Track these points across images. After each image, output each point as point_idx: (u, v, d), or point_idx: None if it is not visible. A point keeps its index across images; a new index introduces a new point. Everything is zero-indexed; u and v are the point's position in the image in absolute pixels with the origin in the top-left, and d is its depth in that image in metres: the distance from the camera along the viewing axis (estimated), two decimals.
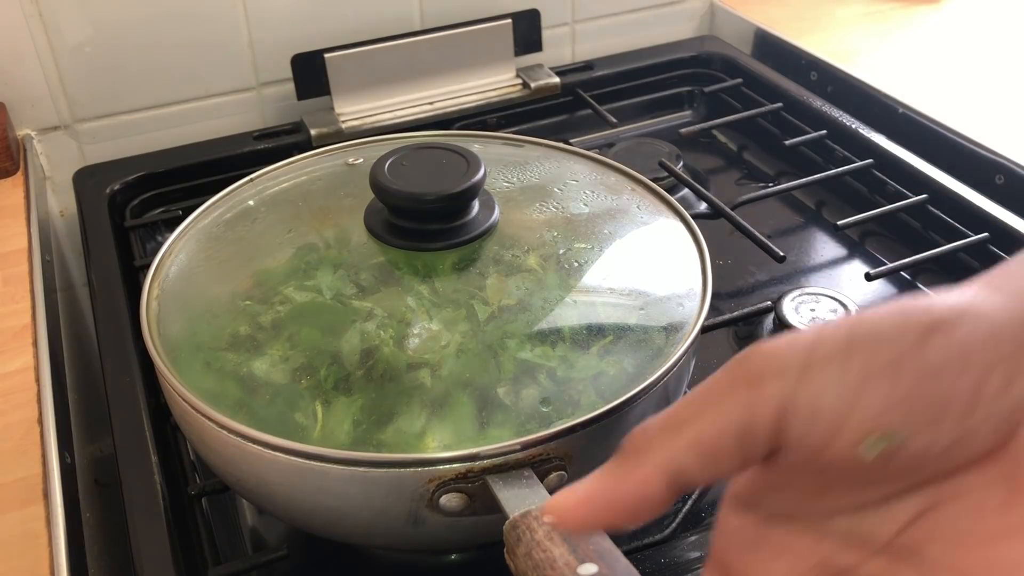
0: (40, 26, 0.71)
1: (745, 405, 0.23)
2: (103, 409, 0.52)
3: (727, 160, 0.82)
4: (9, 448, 0.47)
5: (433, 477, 0.36)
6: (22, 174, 0.71)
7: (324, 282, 0.43)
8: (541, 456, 0.36)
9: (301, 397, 0.39)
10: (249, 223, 0.50)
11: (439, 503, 0.36)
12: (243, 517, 0.51)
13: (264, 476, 0.38)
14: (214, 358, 0.41)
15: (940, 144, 0.71)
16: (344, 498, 0.37)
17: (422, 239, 0.44)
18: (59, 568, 0.41)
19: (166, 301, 0.45)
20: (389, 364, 0.39)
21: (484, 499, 0.36)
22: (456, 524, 0.37)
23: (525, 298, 0.42)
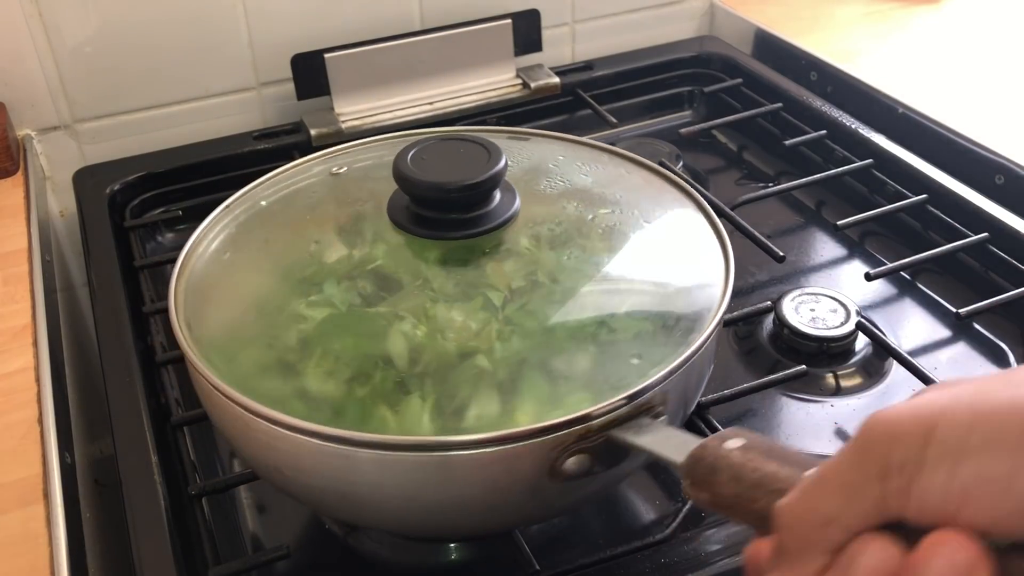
0: (40, 26, 0.71)
1: (877, 501, 0.25)
2: (103, 409, 0.52)
3: (727, 160, 0.82)
4: (9, 448, 0.47)
5: (557, 443, 0.36)
6: (22, 174, 0.71)
7: (355, 285, 0.43)
8: (646, 405, 0.37)
9: (363, 406, 0.38)
10: (266, 229, 0.50)
11: (562, 469, 0.36)
12: (243, 517, 0.51)
13: (379, 480, 0.37)
14: (264, 382, 0.40)
15: (940, 144, 0.71)
16: (467, 484, 0.37)
17: (448, 228, 0.44)
18: (59, 568, 0.41)
19: (190, 306, 0.44)
20: (440, 357, 0.39)
21: (607, 454, 0.37)
22: (573, 487, 0.38)
23: (559, 279, 0.43)
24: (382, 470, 0.37)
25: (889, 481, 0.24)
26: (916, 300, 0.64)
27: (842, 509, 0.25)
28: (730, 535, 0.43)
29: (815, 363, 0.57)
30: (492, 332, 0.40)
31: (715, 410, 0.52)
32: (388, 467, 0.36)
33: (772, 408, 0.56)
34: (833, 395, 0.56)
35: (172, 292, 0.44)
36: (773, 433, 0.54)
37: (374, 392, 0.38)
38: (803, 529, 0.26)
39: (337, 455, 0.36)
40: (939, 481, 0.23)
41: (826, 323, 0.58)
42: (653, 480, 0.51)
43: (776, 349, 0.59)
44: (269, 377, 0.40)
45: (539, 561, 0.43)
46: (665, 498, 0.50)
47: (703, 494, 0.31)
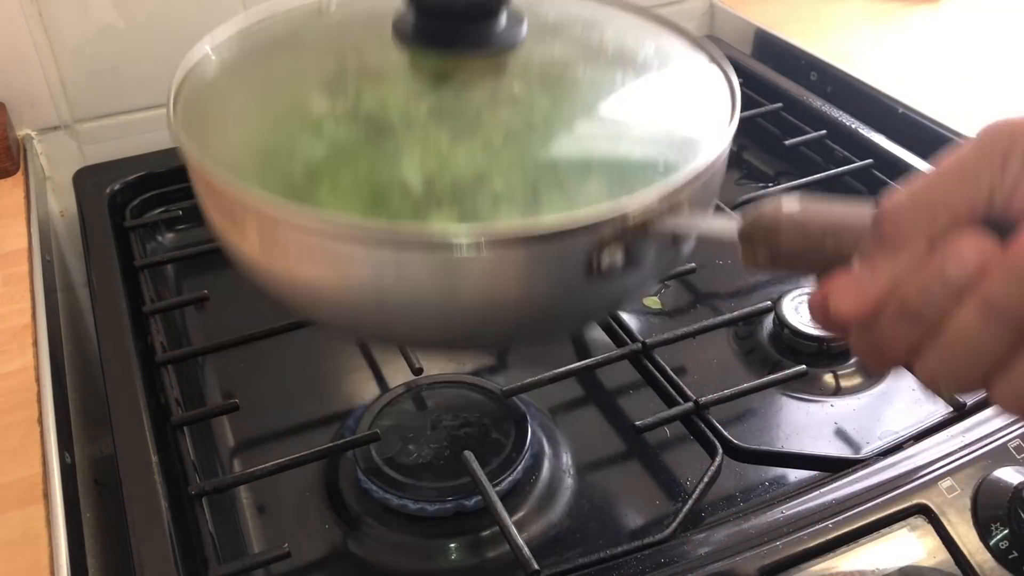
0: (40, 26, 0.71)
1: (990, 187, 0.26)
2: (103, 409, 0.52)
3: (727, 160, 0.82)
4: (9, 448, 0.47)
5: (597, 238, 0.35)
6: (22, 174, 0.71)
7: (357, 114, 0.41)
8: (675, 202, 0.36)
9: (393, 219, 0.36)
10: (253, 64, 0.47)
11: (600, 265, 0.35)
12: (243, 517, 0.51)
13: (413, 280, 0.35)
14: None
15: (940, 144, 0.71)
16: (498, 285, 0.35)
17: (454, 42, 0.43)
18: (59, 568, 0.41)
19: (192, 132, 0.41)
20: (456, 182, 0.37)
21: (644, 249, 0.36)
22: (608, 285, 0.37)
23: (571, 103, 0.42)
24: (409, 269, 0.35)
25: (1009, 167, 0.26)
26: None
27: (955, 193, 0.26)
28: (730, 535, 0.43)
29: (815, 363, 0.57)
30: (505, 156, 0.39)
31: (715, 410, 0.52)
32: (417, 266, 0.34)
33: (772, 408, 0.56)
34: (833, 395, 0.56)
35: (170, 111, 0.42)
36: (773, 433, 0.54)
37: (393, 217, 0.37)
38: (911, 213, 0.27)
39: (366, 255, 0.35)
40: None
41: None
42: (653, 480, 0.51)
43: (776, 349, 0.59)
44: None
45: (539, 561, 0.43)
46: (665, 498, 0.50)
47: (761, 252, 0.31)
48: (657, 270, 0.39)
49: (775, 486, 0.50)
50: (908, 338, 0.27)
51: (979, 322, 0.25)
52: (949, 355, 0.27)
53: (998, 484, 0.44)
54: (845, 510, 0.44)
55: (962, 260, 0.26)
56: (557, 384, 0.54)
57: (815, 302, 0.29)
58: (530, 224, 0.35)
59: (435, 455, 0.51)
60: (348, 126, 0.40)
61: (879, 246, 0.28)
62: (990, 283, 0.25)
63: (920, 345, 0.27)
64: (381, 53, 0.44)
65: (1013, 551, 0.43)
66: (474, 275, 0.35)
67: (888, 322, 0.27)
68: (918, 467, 0.45)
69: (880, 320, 0.28)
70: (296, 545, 0.47)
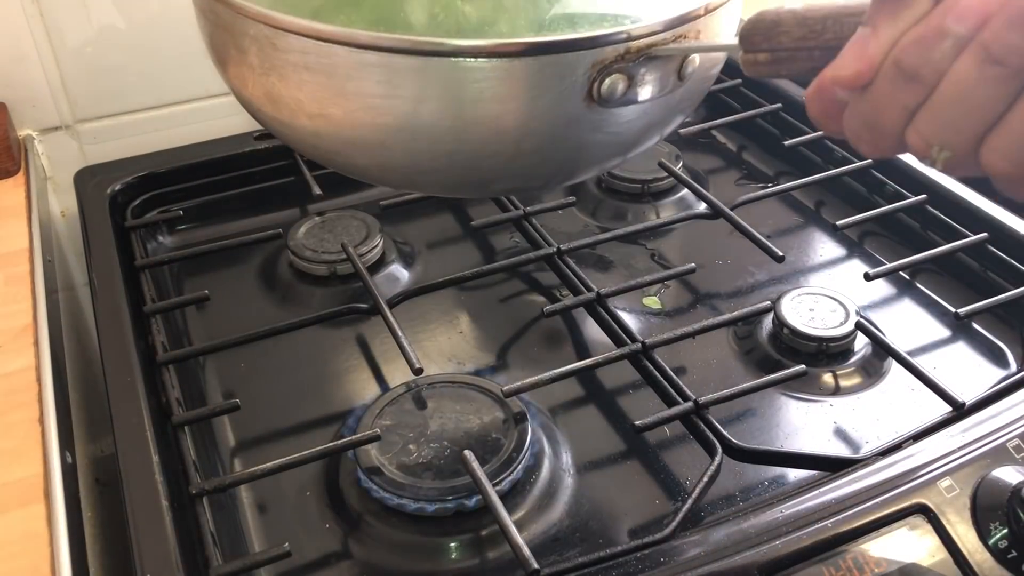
0: (41, 27, 0.71)
1: None
2: (104, 409, 0.52)
3: (727, 160, 0.82)
4: (10, 448, 0.48)
5: (597, 60, 0.34)
6: (23, 174, 0.71)
7: None
8: (682, 35, 0.36)
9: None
10: None
11: (600, 90, 0.35)
12: (244, 517, 0.51)
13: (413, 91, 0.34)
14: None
15: None
16: (502, 100, 0.35)
17: None
18: (60, 567, 0.41)
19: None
20: (460, 24, 0.37)
21: (646, 80, 0.36)
22: (606, 122, 0.36)
23: None
24: (415, 81, 0.34)
25: None
26: (915, 300, 0.64)
27: None
28: (730, 534, 0.43)
29: (815, 363, 0.57)
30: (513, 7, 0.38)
31: (714, 410, 0.52)
32: (428, 76, 0.34)
33: (772, 408, 0.56)
34: (833, 395, 0.56)
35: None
36: (772, 433, 0.54)
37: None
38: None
39: (372, 65, 0.34)
40: None
41: (825, 323, 0.59)
42: (653, 480, 0.51)
43: (776, 349, 0.59)
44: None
45: (539, 561, 0.43)
46: (665, 498, 0.50)
47: (761, 54, 0.31)
48: (662, 109, 0.38)
49: (774, 486, 0.50)
50: (904, 101, 0.27)
51: (976, 72, 0.25)
52: (944, 112, 0.26)
53: (997, 484, 0.45)
54: (844, 510, 0.44)
55: (964, 13, 0.25)
56: (557, 384, 0.54)
57: (812, 89, 0.29)
58: (529, 38, 0.34)
59: (435, 455, 0.51)
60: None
61: (883, 5, 0.27)
62: (989, 30, 0.25)
63: (916, 109, 0.27)
64: None
65: (1012, 550, 0.43)
66: (475, 88, 0.34)
67: (885, 83, 0.27)
68: (917, 467, 0.46)
69: (877, 82, 0.27)
70: (296, 545, 0.47)
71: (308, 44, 0.35)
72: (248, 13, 0.36)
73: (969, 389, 0.55)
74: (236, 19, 0.37)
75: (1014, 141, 0.26)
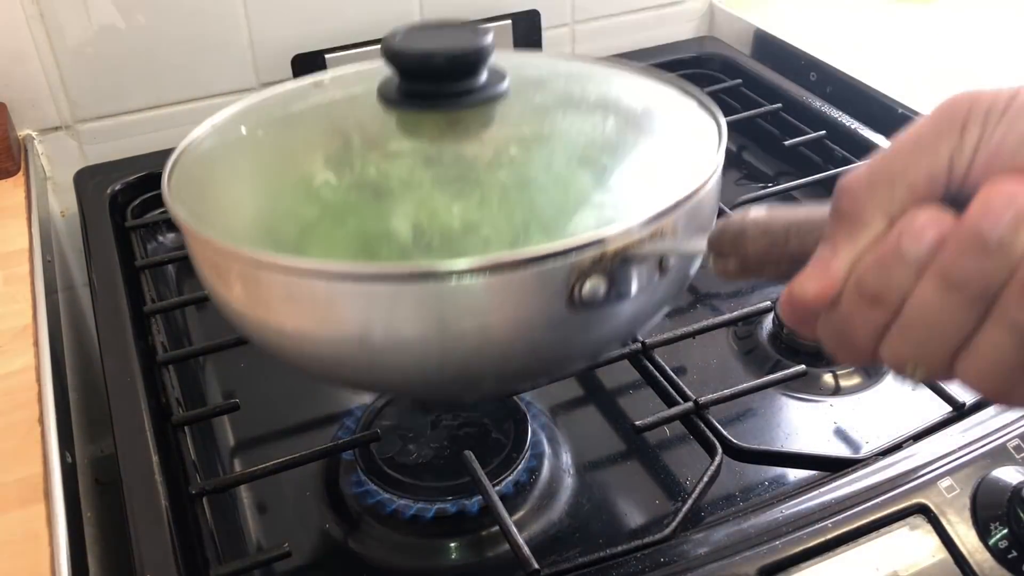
0: (41, 26, 0.71)
1: (949, 156, 0.25)
2: (104, 409, 0.52)
3: (727, 160, 0.82)
4: (10, 448, 0.48)
5: (574, 266, 0.35)
6: (23, 174, 0.71)
7: (347, 171, 0.42)
8: (659, 231, 0.37)
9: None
10: (250, 136, 0.48)
11: (581, 295, 0.36)
12: (244, 517, 0.51)
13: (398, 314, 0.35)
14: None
15: None
16: (485, 314, 0.36)
17: (436, 99, 0.44)
18: (60, 568, 0.41)
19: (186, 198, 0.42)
20: (444, 231, 0.38)
21: (626, 279, 0.36)
22: (591, 321, 0.37)
23: (551, 150, 0.42)
24: (398, 305, 0.35)
25: (968, 133, 0.25)
26: None
27: (913, 164, 0.26)
28: (729, 535, 0.43)
29: (815, 363, 0.57)
30: (493, 204, 0.39)
31: (714, 410, 0.52)
32: (405, 301, 0.35)
33: (772, 408, 0.56)
34: (833, 395, 0.56)
35: (165, 182, 0.43)
36: (772, 433, 0.54)
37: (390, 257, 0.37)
38: (868, 189, 0.26)
39: (354, 295, 0.35)
40: (1019, 128, 0.24)
41: None
42: (653, 480, 0.51)
43: (776, 349, 0.59)
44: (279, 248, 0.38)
45: (539, 561, 0.43)
46: (665, 498, 0.50)
47: (731, 260, 0.31)
48: (645, 302, 0.39)
49: (775, 486, 0.50)
50: (872, 321, 0.26)
51: (938, 298, 0.25)
52: (912, 335, 0.26)
53: (997, 484, 0.45)
54: (844, 510, 0.44)
55: (918, 235, 0.25)
56: (557, 384, 0.54)
57: (782, 299, 0.29)
58: (504, 254, 0.35)
59: (435, 455, 0.51)
60: (337, 187, 0.41)
61: (839, 225, 0.27)
62: (945, 256, 0.24)
63: (885, 328, 0.26)
64: (368, 116, 0.46)
65: (1012, 551, 0.43)
66: (454, 307, 0.35)
67: (850, 304, 0.27)
68: (917, 467, 0.46)
69: (842, 302, 0.27)
70: (296, 545, 0.47)
71: (288, 279, 0.36)
72: (228, 250, 0.37)
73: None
74: (219, 255, 0.39)
75: (985, 364, 0.25)
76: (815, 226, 0.29)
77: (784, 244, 0.30)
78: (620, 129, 0.44)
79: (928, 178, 0.25)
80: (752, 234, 0.31)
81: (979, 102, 0.25)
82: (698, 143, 0.44)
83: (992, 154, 0.24)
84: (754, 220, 0.31)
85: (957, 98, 0.25)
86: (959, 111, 0.25)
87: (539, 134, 0.43)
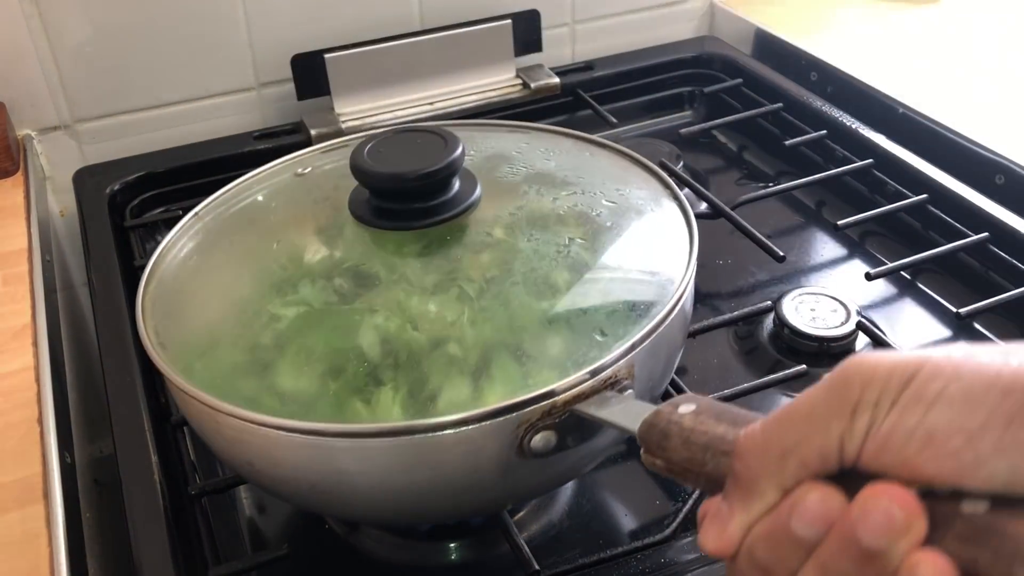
0: (40, 26, 0.71)
1: (840, 436, 0.25)
2: (103, 409, 0.52)
3: (727, 160, 0.82)
4: (9, 448, 0.47)
5: (522, 421, 0.36)
6: (22, 174, 0.71)
7: (322, 285, 0.43)
8: (611, 379, 0.37)
9: (337, 400, 0.39)
10: (228, 239, 0.50)
11: (530, 446, 0.37)
12: (243, 517, 0.51)
13: (348, 469, 0.37)
14: (238, 382, 0.40)
15: (940, 144, 0.71)
16: (436, 468, 0.37)
17: (409, 218, 0.44)
18: (59, 568, 0.41)
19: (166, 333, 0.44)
20: (412, 348, 0.39)
21: (572, 431, 0.37)
22: (543, 465, 0.38)
23: (522, 261, 0.43)
24: (351, 458, 0.37)
25: (859, 417, 0.25)
26: (916, 300, 0.64)
27: (804, 440, 0.26)
28: None
29: (815, 363, 0.57)
30: (462, 320, 0.40)
31: None
32: (357, 455, 0.37)
33: (772, 408, 0.55)
34: None
35: (140, 300, 0.44)
36: None
37: (347, 385, 0.39)
38: (761, 459, 0.27)
39: (307, 446, 0.37)
40: (909, 423, 0.24)
41: (826, 323, 0.58)
42: (653, 480, 0.51)
43: (776, 349, 0.59)
44: (241, 377, 0.40)
45: (539, 561, 0.43)
46: (665, 498, 0.50)
47: (658, 460, 0.32)
48: (593, 449, 0.40)
49: None
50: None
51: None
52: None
53: None
54: None
55: (806, 518, 0.25)
56: None
57: (699, 518, 0.29)
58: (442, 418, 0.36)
59: None
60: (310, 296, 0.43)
61: (736, 488, 0.27)
62: (826, 550, 0.25)
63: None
64: (339, 228, 0.47)
65: None
66: (402, 459, 0.37)
67: (745, 566, 0.27)
68: None
69: (739, 563, 0.27)
70: (296, 545, 0.47)
71: (242, 424, 0.38)
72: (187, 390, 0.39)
73: None
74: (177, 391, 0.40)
75: None
76: (730, 453, 0.29)
77: (702, 465, 0.30)
78: (594, 234, 0.45)
79: (820, 456, 0.25)
80: (674, 440, 0.31)
81: (873, 383, 0.24)
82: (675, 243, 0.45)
83: (880, 446, 0.24)
84: (679, 425, 0.31)
85: (851, 371, 0.25)
86: (852, 390, 0.25)
87: (508, 251, 0.44)
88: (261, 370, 0.40)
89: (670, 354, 0.43)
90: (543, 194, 0.48)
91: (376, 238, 0.45)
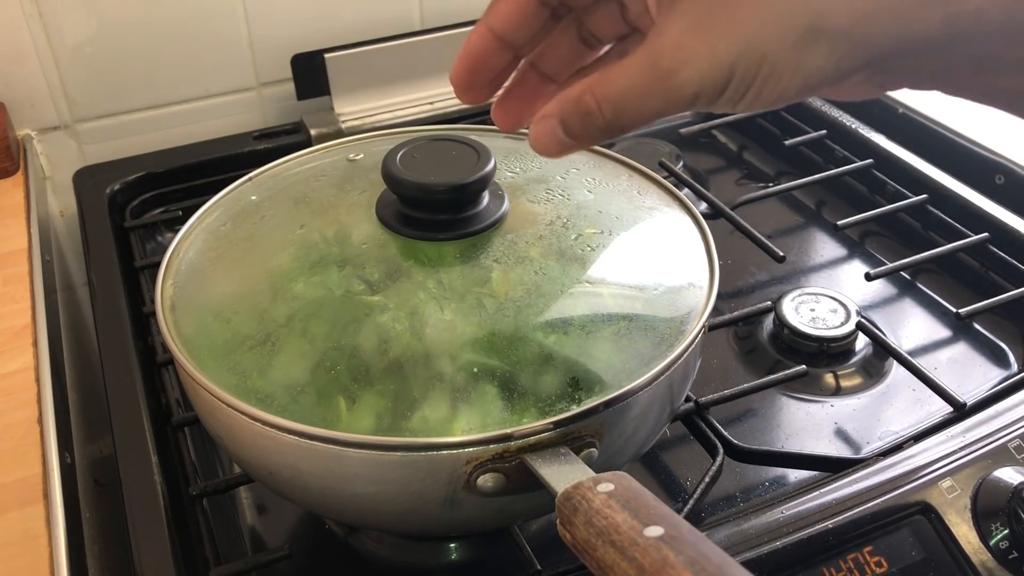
0: (40, 26, 0.71)
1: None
2: (103, 409, 0.52)
3: (727, 160, 0.82)
4: (9, 448, 0.47)
5: (470, 459, 0.36)
6: (22, 174, 0.71)
7: (336, 277, 0.43)
8: (574, 434, 0.37)
9: (323, 393, 0.39)
10: (256, 220, 0.49)
11: (476, 484, 0.36)
12: (243, 517, 0.51)
13: (299, 466, 0.38)
14: (234, 356, 0.41)
15: (940, 144, 0.71)
16: (381, 484, 0.37)
17: (433, 229, 0.44)
18: (59, 568, 0.41)
19: (179, 300, 0.44)
20: (407, 355, 0.39)
21: (521, 478, 0.36)
22: (490, 504, 0.38)
23: (535, 287, 0.42)
24: (302, 455, 0.38)
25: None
26: (916, 300, 0.64)
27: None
28: (730, 535, 0.43)
29: (815, 363, 0.57)
30: (467, 337, 0.40)
31: (715, 410, 0.52)
32: (306, 453, 0.37)
33: (772, 408, 0.56)
34: (833, 395, 0.56)
35: (158, 298, 0.44)
36: (773, 433, 0.54)
37: (334, 380, 0.39)
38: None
39: (270, 438, 0.38)
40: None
41: (826, 323, 0.58)
42: (653, 481, 0.51)
43: (776, 349, 0.59)
44: (239, 353, 0.41)
45: (540, 561, 0.43)
46: (665, 498, 0.50)
47: (566, 534, 0.31)
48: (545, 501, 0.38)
49: (775, 486, 0.50)
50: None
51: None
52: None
53: (998, 484, 0.44)
54: (845, 510, 0.44)
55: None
56: None
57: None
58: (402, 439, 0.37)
59: None
60: (327, 286, 0.43)
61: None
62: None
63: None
64: (364, 233, 0.46)
65: (1013, 551, 0.43)
66: (351, 471, 0.37)
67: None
68: (918, 467, 0.45)
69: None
70: (296, 545, 0.47)
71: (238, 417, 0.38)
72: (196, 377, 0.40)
73: (970, 389, 0.55)
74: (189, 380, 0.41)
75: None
76: (623, 541, 0.28)
77: (594, 549, 0.30)
78: (612, 277, 0.44)
79: None
80: (580, 519, 0.31)
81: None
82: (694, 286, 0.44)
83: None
84: (588, 504, 0.31)
85: None
86: None
87: (528, 276, 0.43)
88: (262, 355, 0.40)
89: (643, 420, 0.41)
90: (567, 216, 0.47)
91: (396, 243, 0.45)
